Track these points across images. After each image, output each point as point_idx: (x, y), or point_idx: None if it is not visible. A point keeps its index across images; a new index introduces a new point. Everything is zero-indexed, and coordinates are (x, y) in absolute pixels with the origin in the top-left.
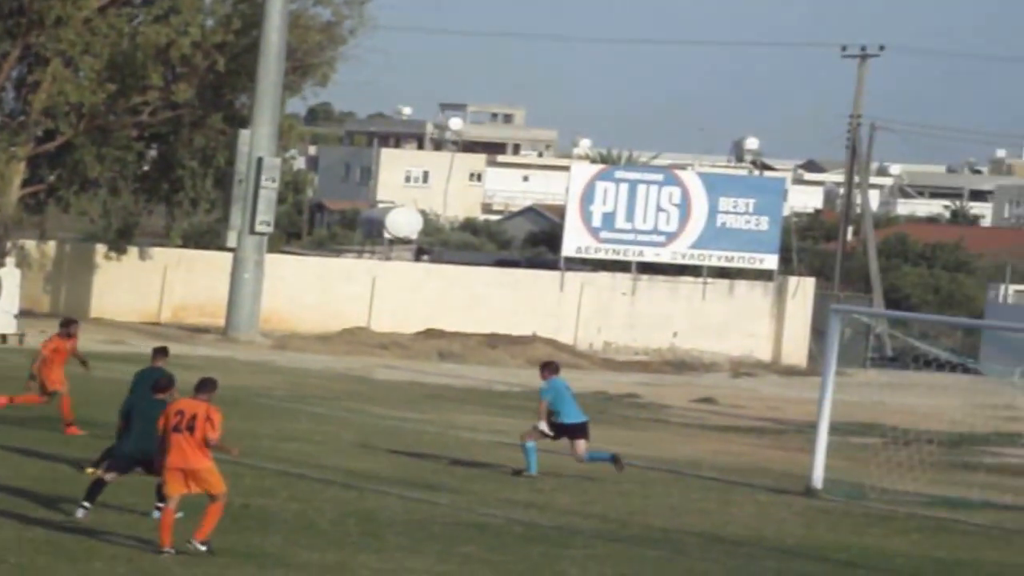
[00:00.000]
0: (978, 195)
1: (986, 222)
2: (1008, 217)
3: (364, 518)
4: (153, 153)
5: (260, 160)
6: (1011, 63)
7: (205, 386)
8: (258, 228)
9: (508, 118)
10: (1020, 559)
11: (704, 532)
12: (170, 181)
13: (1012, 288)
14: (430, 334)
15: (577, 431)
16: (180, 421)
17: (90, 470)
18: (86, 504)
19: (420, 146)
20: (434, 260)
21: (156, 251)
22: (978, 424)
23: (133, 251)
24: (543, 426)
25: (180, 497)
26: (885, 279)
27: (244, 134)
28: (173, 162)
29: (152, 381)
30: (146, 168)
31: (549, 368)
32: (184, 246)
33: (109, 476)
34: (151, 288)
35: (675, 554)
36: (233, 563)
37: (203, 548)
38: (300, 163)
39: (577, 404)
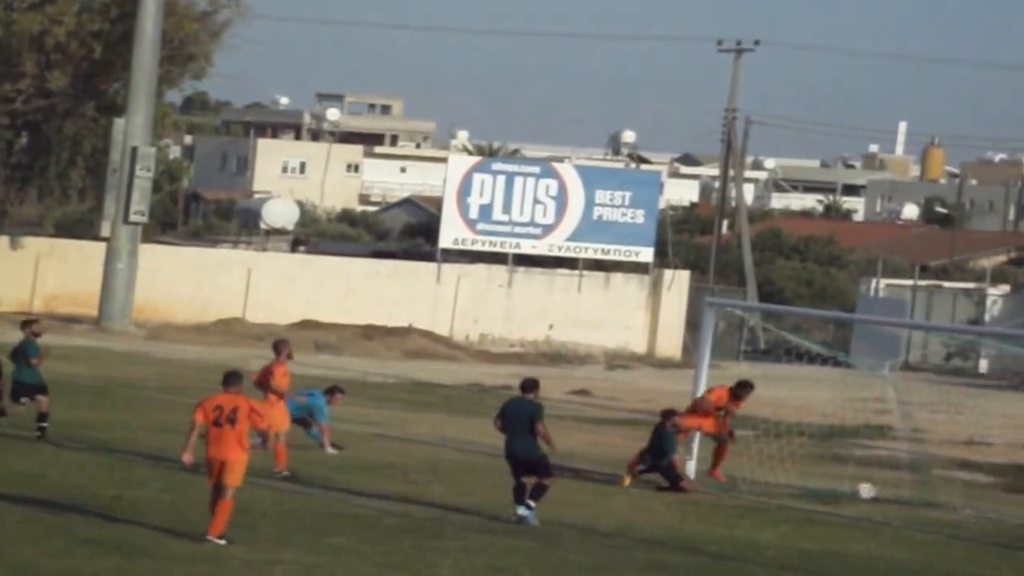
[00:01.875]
0: (851, 190)
1: (859, 216)
2: (880, 212)
3: (236, 509)
4: (24, 141)
5: (135, 149)
6: (883, 59)
7: (234, 379)
8: (132, 218)
9: (386, 109)
10: (888, 551)
11: (577, 524)
12: (41, 169)
13: (883, 282)
14: (306, 325)
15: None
16: (220, 415)
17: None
18: None
19: (297, 136)
20: (311, 251)
21: (28, 240)
22: (848, 417)
23: (4, 240)
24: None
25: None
26: (759, 272)
27: (119, 123)
28: (44, 150)
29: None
30: (17, 156)
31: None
32: (58, 235)
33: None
34: (23, 277)
35: (548, 545)
36: (100, 553)
37: (223, 542)
38: (176, 152)
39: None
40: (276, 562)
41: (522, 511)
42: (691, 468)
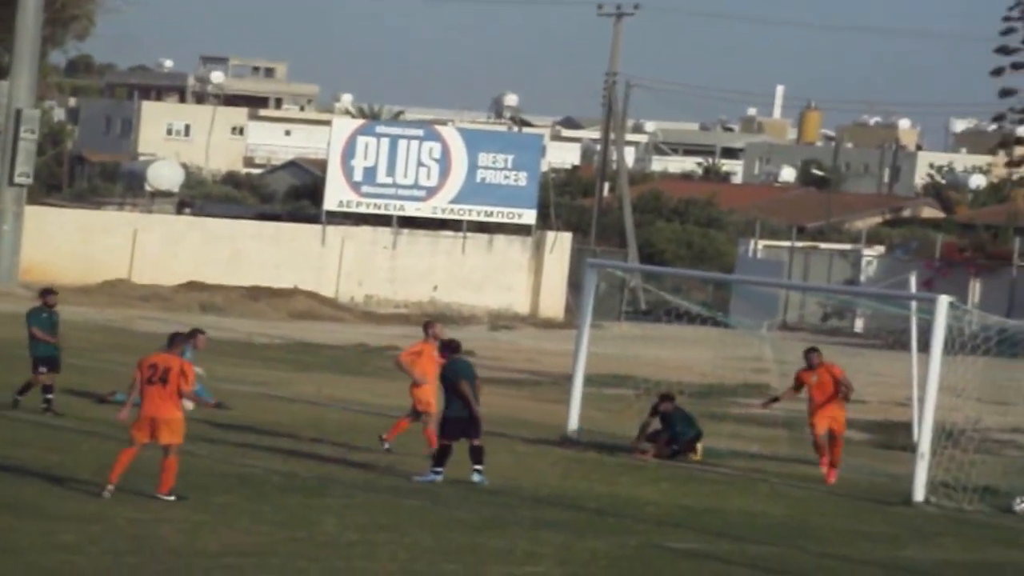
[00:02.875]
0: (730, 152)
1: (737, 179)
2: (758, 174)
3: (127, 471)
4: None
5: (19, 111)
6: (761, 24)
7: (175, 340)
8: (17, 180)
9: (270, 72)
10: (765, 506)
11: (462, 482)
12: None
13: (761, 244)
14: (192, 287)
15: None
16: (153, 374)
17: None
18: None
19: (182, 99)
20: (196, 213)
21: None
22: (727, 376)
23: None
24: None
25: (142, 445)
26: (640, 234)
27: (2, 85)
28: None
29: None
30: None
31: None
32: None
33: None
34: None
35: (433, 503)
36: None
37: (172, 498)
38: (60, 115)
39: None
40: (164, 520)
41: (477, 477)
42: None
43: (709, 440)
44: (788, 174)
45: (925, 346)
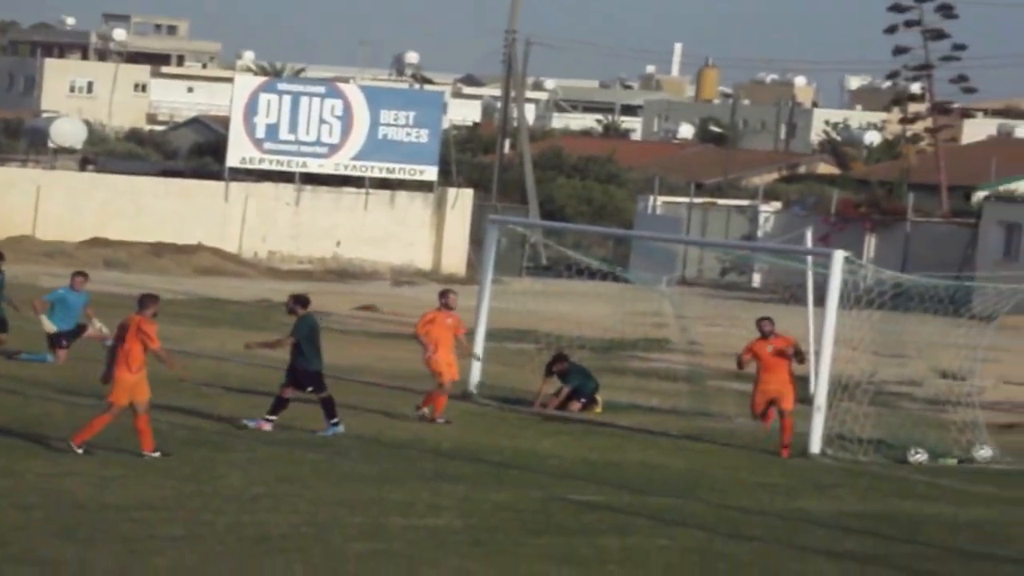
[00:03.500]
0: (629, 110)
1: (636, 136)
2: (657, 131)
3: (29, 423)
4: None
5: None
6: None
7: (144, 301)
8: None
9: (172, 30)
10: (665, 459)
11: (364, 436)
12: None
13: (660, 200)
14: (95, 243)
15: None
16: (120, 334)
17: None
18: None
19: (84, 56)
20: (99, 170)
21: None
22: (628, 331)
23: None
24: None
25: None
26: (540, 191)
27: None
28: None
29: None
30: None
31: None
32: None
33: None
34: None
35: (336, 457)
36: None
37: (156, 454)
38: None
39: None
40: (71, 474)
41: (338, 429)
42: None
43: (611, 394)
44: (686, 131)
45: (821, 300)
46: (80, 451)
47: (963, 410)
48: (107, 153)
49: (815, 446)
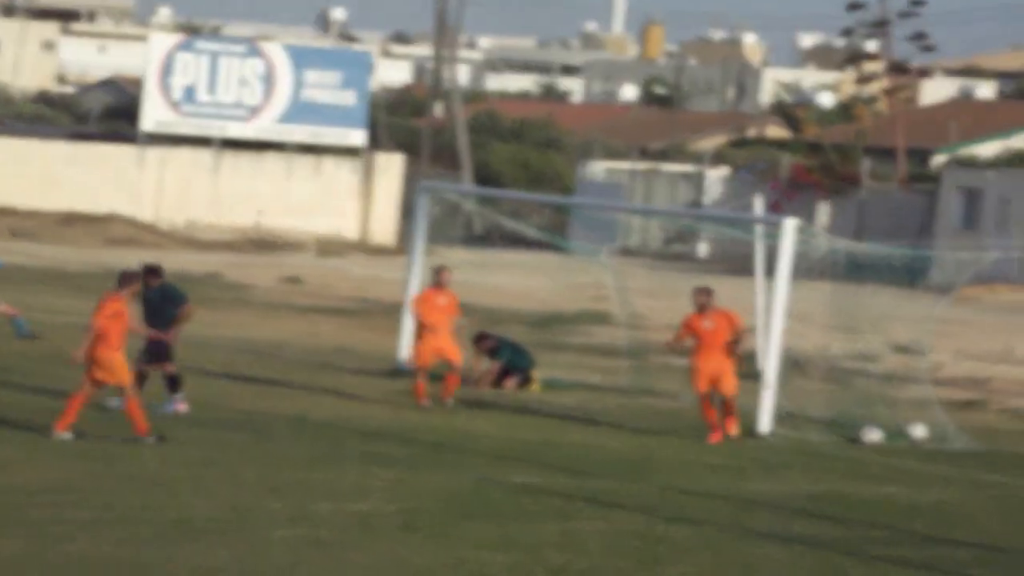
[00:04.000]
0: (569, 70)
1: (577, 98)
2: (598, 93)
3: None
4: None
5: None
6: None
7: (121, 280)
8: None
9: None
10: (603, 439)
11: (289, 415)
12: None
13: (601, 165)
14: (2, 212)
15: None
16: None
17: None
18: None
19: None
20: (5, 133)
21: None
22: (567, 303)
23: None
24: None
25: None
26: (475, 156)
27: None
28: None
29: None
30: None
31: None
32: None
33: None
34: None
35: (260, 437)
36: None
37: (151, 439)
38: None
39: None
40: None
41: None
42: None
43: (549, 371)
44: (630, 92)
45: (772, 271)
46: (151, 439)
47: (918, 387)
48: (13, 116)
49: (764, 425)
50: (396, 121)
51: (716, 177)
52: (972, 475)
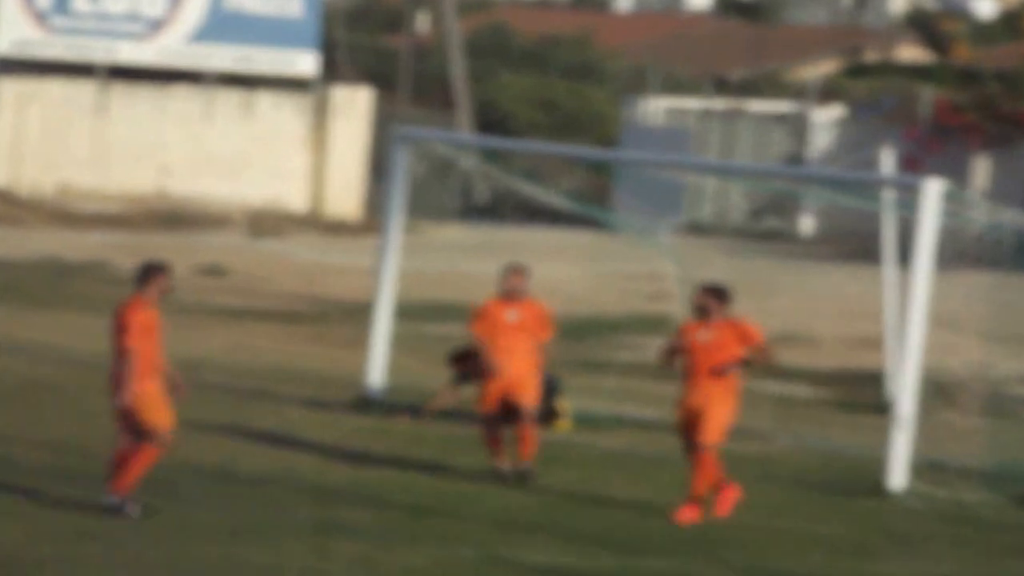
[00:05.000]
0: None
1: (624, 6)
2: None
3: None
4: None
5: None
6: None
7: (141, 276)
8: None
9: None
10: (660, 498)
11: (209, 467)
12: None
13: (659, 104)
14: None
15: None
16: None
17: None
18: None
19: None
20: None
21: None
22: (609, 303)
23: None
24: None
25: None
26: (477, 90)
27: None
28: None
29: None
30: None
31: None
32: None
33: None
34: None
35: (166, 498)
36: None
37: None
38: None
39: None
40: None
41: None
42: None
43: (584, 401)
44: None
45: (906, 256)
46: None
47: None
48: None
49: (897, 478)
50: (361, 40)
51: (825, 120)
52: None
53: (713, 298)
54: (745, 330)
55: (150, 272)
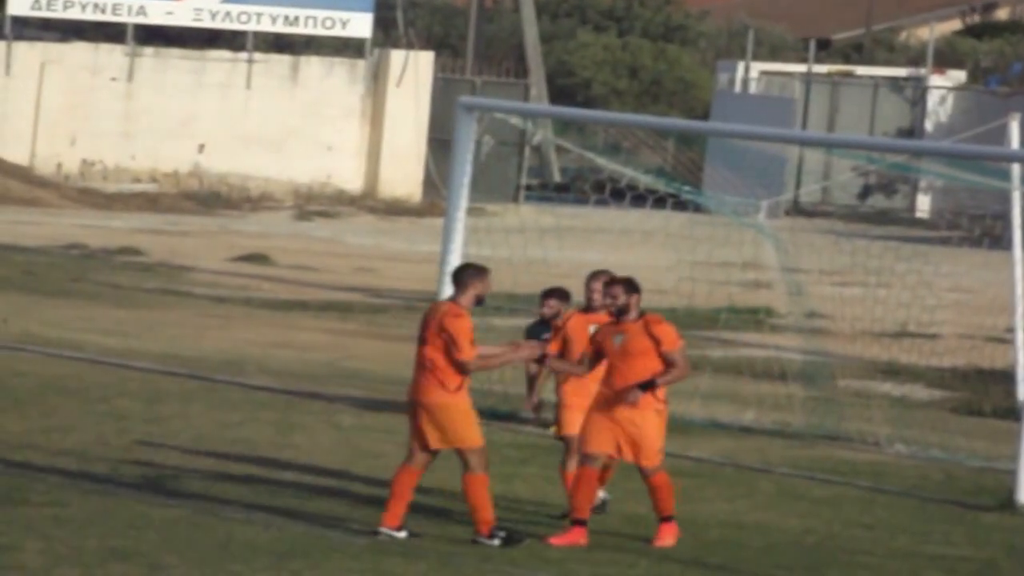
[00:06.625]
0: None
1: None
2: None
3: None
4: None
5: None
6: None
7: (459, 279)
8: None
9: None
10: (761, 514)
11: (252, 478)
12: None
13: (756, 68)
14: None
15: None
16: None
17: None
18: None
19: None
20: None
21: None
22: (701, 294)
23: None
24: None
25: None
26: (550, 55)
27: None
28: None
29: None
30: None
31: None
32: None
33: None
34: None
35: (212, 518)
36: None
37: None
38: None
39: None
40: None
41: None
42: None
43: (675, 404)
44: None
45: None
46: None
47: None
48: None
49: None
50: None
51: (945, 87)
52: None
53: (625, 291)
54: (658, 330)
55: (470, 274)
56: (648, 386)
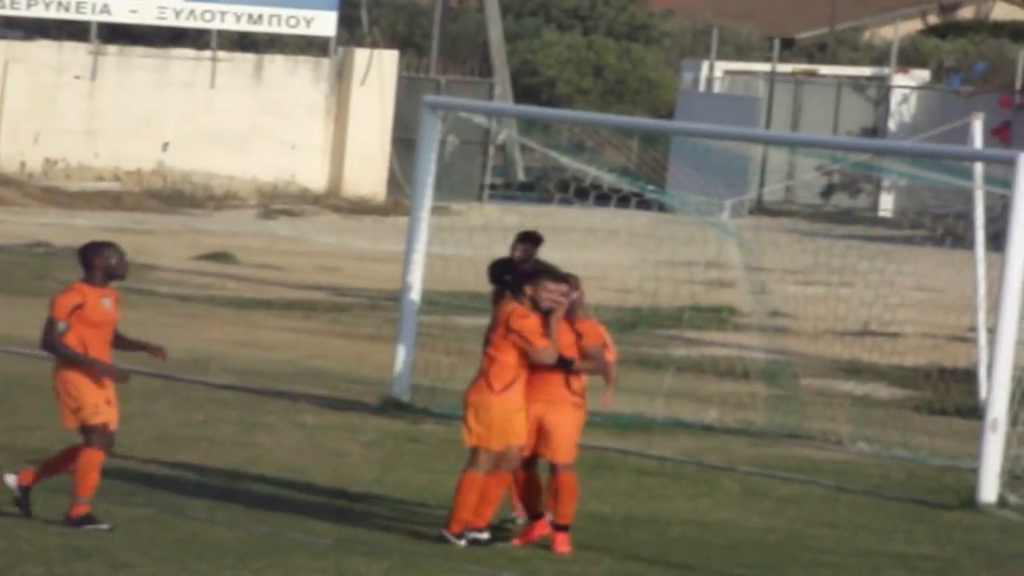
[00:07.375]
0: None
1: None
2: None
3: None
4: None
5: None
6: None
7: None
8: None
9: None
10: (724, 513)
11: (216, 477)
12: None
13: (720, 67)
14: None
15: None
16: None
17: None
18: None
19: None
20: None
21: None
22: (666, 293)
23: None
24: None
25: None
26: (515, 53)
27: None
28: None
29: None
30: None
31: None
32: None
33: None
34: None
35: (165, 513)
36: None
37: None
38: None
39: None
40: None
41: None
42: None
43: (638, 401)
44: None
45: (999, 240)
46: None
47: None
48: None
49: (989, 490)
50: None
51: (907, 86)
52: None
53: (570, 286)
54: (583, 326)
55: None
56: (565, 364)
